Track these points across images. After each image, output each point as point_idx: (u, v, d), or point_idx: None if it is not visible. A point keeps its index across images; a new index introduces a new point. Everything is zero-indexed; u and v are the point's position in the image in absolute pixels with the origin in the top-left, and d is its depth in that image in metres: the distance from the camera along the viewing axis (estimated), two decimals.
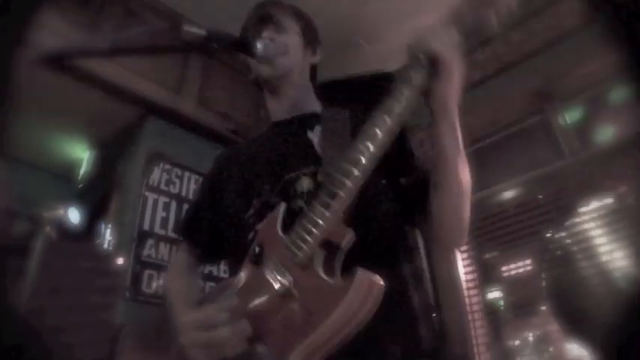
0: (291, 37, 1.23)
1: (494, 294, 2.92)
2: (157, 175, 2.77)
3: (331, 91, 1.40)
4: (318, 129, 1.14)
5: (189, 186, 2.90)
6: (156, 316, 2.51)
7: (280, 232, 0.90)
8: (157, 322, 2.51)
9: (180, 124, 2.90)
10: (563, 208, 2.64)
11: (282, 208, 0.96)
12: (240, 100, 3.18)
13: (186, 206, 2.83)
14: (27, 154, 2.77)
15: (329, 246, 0.82)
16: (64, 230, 2.09)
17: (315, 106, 1.25)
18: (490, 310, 2.78)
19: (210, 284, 2.64)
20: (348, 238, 0.81)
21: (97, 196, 2.66)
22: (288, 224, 0.90)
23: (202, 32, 1.06)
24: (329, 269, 0.81)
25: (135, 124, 2.78)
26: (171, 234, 2.71)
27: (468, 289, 2.85)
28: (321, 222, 0.80)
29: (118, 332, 2.22)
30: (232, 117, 3.07)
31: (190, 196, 2.87)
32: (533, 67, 2.85)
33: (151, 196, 2.71)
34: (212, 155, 3.25)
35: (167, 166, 2.82)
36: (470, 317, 2.76)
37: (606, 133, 2.65)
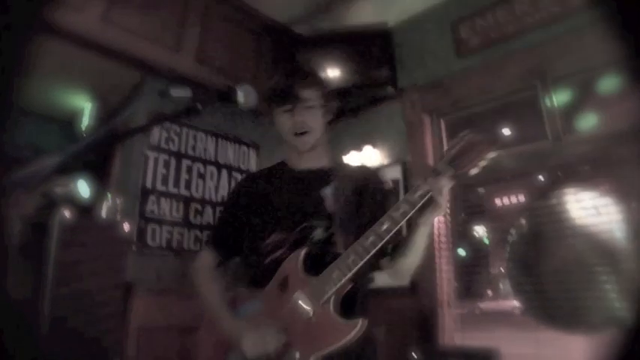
0: (317, 114, 1.51)
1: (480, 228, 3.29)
2: (156, 133, 2.90)
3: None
4: (329, 189, 1.48)
5: (188, 142, 3.05)
6: (159, 265, 2.84)
7: (303, 269, 1.33)
8: (160, 271, 2.85)
9: (179, 82, 2.95)
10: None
11: (304, 251, 1.35)
12: (239, 56, 3.18)
13: (185, 162, 3.02)
14: (32, 105, 2.86)
15: (337, 292, 1.29)
16: (76, 205, 2.29)
17: (325, 160, 1.58)
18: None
19: None
20: (349, 289, 1.30)
21: (101, 155, 2.82)
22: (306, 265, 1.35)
23: (188, 94, 1.31)
24: (334, 308, 1.28)
25: (135, 83, 2.83)
26: (171, 189, 2.93)
27: (440, 248, 3.14)
28: (342, 280, 1.26)
29: (129, 290, 2.54)
30: (231, 73, 3.10)
31: (189, 152, 3.04)
32: (532, 42, 2.83)
33: (152, 155, 2.88)
34: (211, 110, 3.48)
35: (166, 124, 2.94)
36: (438, 274, 3.08)
37: (590, 121, 2.75)
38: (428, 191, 1.29)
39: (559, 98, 2.83)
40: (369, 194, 1.51)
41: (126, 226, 2.54)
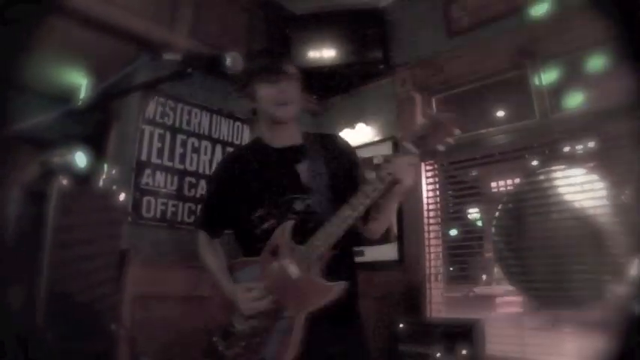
0: (297, 86, 1.64)
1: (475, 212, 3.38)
2: (152, 108, 2.95)
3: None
4: (303, 164, 1.63)
5: (183, 117, 3.10)
6: (154, 236, 2.91)
7: (290, 238, 1.49)
8: (155, 242, 2.92)
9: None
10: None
11: (290, 223, 1.51)
12: (232, 33, 3.22)
13: (180, 137, 3.08)
14: (27, 81, 2.87)
15: (321, 258, 1.47)
16: (73, 174, 2.35)
17: (297, 137, 1.71)
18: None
19: None
20: (331, 256, 1.47)
21: (97, 128, 2.87)
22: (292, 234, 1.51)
23: (178, 58, 1.40)
24: (321, 272, 1.46)
25: (130, 59, 2.87)
26: (166, 163, 2.99)
27: (429, 223, 3.23)
28: (323, 248, 1.44)
29: (124, 256, 2.61)
30: (224, 48, 3.13)
31: (184, 126, 3.10)
32: (521, 21, 2.88)
33: (147, 129, 2.93)
34: (204, 87, 3.50)
35: (161, 99, 2.99)
36: (427, 249, 3.17)
37: (576, 99, 2.81)
38: (392, 171, 1.45)
39: (547, 77, 2.89)
40: (340, 164, 1.67)
41: (121, 196, 2.60)
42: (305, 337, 1.41)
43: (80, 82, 3.13)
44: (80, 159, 2.51)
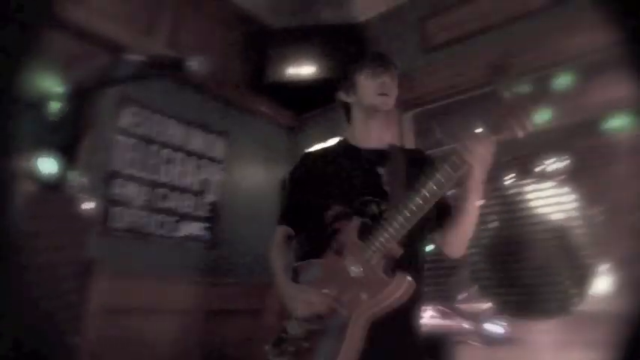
0: (397, 82, 1.71)
1: None
2: (126, 117, 2.92)
3: None
4: (385, 169, 1.63)
5: (157, 128, 3.07)
6: (123, 248, 2.85)
7: (357, 238, 1.45)
8: (123, 254, 2.86)
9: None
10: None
11: (359, 221, 1.49)
12: (210, 44, 3.24)
13: (153, 147, 3.04)
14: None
15: (387, 256, 1.41)
16: (41, 180, 2.31)
17: (385, 142, 1.76)
18: None
19: None
20: (399, 254, 1.41)
21: (69, 137, 2.84)
22: (360, 233, 1.47)
23: (142, 59, 1.40)
24: (384, 270, 1.40)
25: (106, 67, 2.86)
26: (138, 173, 2.95)
27: None
28: (387, 244, 1.38)
29: (90, 267, 2.55)
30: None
31: (158, 137, 3.07)
32: (495, 39, 2.94)
33: (120, 138, 2.89)
34: (181, 98, 3.46)
35: (136, 109, 2.97)
36: None
37: (545, 115, 2.84)
38: (463, 157, 1.36)
39: (519, 92, 2.92)
40: (419, 173, 1.58)
41: (90, 205, 2.56)
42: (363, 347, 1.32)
43: (54, 88, 3.10)
44: (49, 165, 2.47)
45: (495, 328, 2.59)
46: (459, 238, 1.58)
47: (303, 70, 3.43)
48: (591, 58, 2.62)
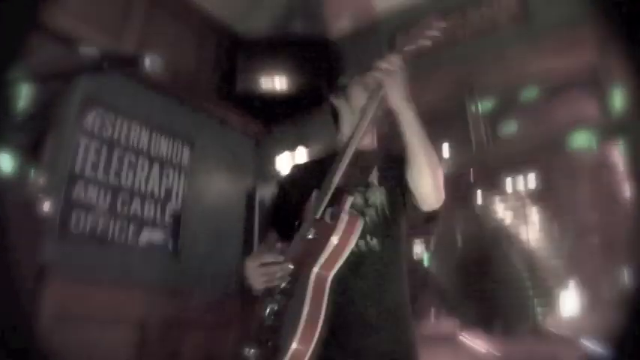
0: None
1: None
2: (91, 119, 2.85)
3: None
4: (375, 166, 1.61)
5: (122, 132, 3.01)
6: (81, 253, 2.73)
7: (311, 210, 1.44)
8: (81, 259, 2.74)
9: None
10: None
11: (313, 194, 1.48)
12: (180, 51, 3.22)
13: (117, 151, 2.97)
14: None
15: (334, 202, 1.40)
16: None
17: (374, 144, 1.74)
18: None
19: None
20: (347, 199, 1.39)
21: (33, 137, 2.74)
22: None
23: (96, 53, 1.36)
24: (331, 218, 1.36)
25: (73, 68, 2.80)
26: (100, 177, 2.87)
27: None
28: (331, 188, 1.39)
29: (44, 271, 2.43)
30: (172, 64, 3.12)
31: (122, 141, 3.00)
32: (461, 54, 3.02)
33: (83, 140, 2.81)
34: (148, 101, 3.38)
35: (101, 111, 2.90)
36: None
37: (511, 128, 2.94)
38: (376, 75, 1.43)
39: (484, 107, 3.01)
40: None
41: (46, 206, 2.46)
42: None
43: (21, 90, 3.01)
44: (5, 162, 2.37)
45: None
46: (421, 171, 1.43)
47: (274, 81, 3.44)
48: (556, 75, 2.73)
